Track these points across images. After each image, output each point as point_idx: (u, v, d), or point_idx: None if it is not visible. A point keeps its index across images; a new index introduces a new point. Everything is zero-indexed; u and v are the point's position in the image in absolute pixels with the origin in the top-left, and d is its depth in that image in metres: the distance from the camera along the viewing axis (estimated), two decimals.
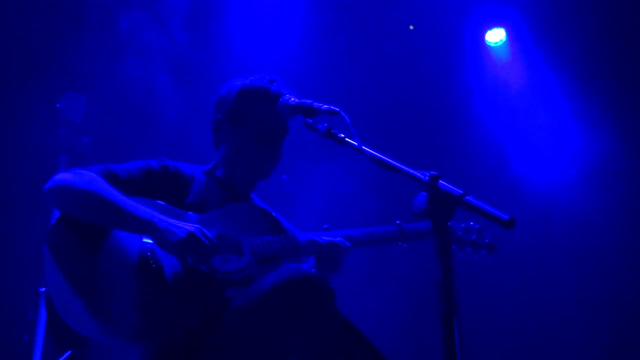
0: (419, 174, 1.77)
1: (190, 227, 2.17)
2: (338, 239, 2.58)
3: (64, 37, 4.98)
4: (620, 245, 5.33)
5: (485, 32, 5.79)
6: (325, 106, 2.16)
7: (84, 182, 2.22)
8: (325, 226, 2.67)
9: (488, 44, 5.83)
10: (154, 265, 2.14)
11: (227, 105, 2.66)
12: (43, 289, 2.11)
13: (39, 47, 4.93)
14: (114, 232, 2.19)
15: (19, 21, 4.88)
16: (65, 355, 2.12)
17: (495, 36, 5.78)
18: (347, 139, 2.05)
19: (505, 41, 5.79)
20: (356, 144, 1.98)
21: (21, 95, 4.89)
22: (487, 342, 5.17)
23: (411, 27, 5.67)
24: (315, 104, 2.20)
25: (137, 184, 2.33)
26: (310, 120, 2.18)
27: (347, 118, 2.01)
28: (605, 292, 5.27)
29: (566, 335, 5.37)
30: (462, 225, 2.77)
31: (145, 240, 2.19)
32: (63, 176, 2.27)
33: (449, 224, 1.66)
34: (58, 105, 4.71)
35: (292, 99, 2.33)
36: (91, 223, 2.19)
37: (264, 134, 2.61)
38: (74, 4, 4.96)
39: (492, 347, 5.23)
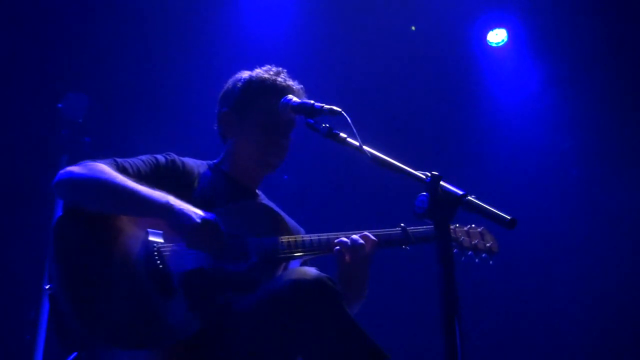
0: (420, 175, 1.76)
1: (207, 214, 2.18)
2: (342, 238, 2.47)
3: (66, 36, 4.98)
4: (622, 246, 5.32)
5: (487, 32, 5.79)
6: (327, 106, 2.17)
7: (95, 172, 2.22)
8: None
9: (490, 44, 5.82)
10: (160, 266, 2.13)
11: (233, 97, 2.66)
12: (48, 286, 2.08)
13: (40, 47, 4.93)
14: (120, 228, 2.18)
15: (21, 21, 4.88)
16: (71, 357, 2.10)
17: (497, 37, 5.78)
18: (348, 139, 2.06)
19: (507, 41, 5.78)
20: (357, 144, 1.98)
21: (23, 95, 4.89)
22: (489, 343, 5.16)
23: (413, 28, 5.66)
24: (316, 104, 2.21)
25: (145, 177, 2.32)
26: (312, 121, 2.19)
27: (348, 118, 2.01)
28: (607, 293, 5.26)
29: (567, 337, 5.36)
30: (465, 228, 2.73)
31: (150, 238, 2.17)
32: (72, 169, 2.26)
33: (451, 226, 1.66)
34: (60, 106, 4.69)
35: (294, 99, 2.34)
36: (104, 211, 2.18)
37: (270, 126, 2.59)
38: (76, 3, 4.95)
39: (494, 348, 5.22)
